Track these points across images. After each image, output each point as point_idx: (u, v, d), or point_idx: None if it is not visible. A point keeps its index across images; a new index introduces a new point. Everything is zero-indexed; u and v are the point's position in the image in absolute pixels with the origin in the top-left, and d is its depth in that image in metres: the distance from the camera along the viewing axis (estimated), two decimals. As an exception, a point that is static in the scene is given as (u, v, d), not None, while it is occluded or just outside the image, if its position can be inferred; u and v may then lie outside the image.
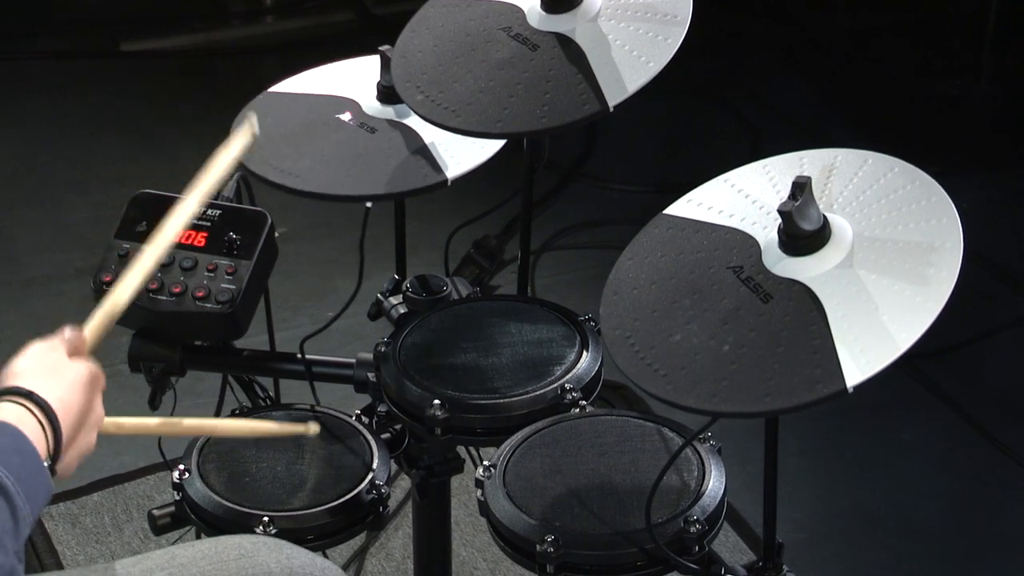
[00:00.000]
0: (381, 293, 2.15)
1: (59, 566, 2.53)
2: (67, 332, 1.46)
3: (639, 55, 1.84)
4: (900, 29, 4.26)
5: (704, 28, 1.92)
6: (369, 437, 1.89)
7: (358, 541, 2.52)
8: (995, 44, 4.00)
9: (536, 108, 1.84)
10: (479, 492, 1.75)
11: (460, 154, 2.02)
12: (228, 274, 1.95)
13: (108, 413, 1.50)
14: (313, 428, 1.67)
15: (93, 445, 1.44)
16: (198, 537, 1.83)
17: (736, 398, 1.53)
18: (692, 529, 1.65)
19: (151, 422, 1.59)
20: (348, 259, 3.29)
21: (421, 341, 1.96)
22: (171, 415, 2.15)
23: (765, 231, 1.65)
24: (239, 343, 2.05)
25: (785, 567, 1.73)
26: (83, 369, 1.43)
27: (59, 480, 1.39)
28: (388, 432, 1.98)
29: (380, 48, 2.06)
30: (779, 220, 1.60)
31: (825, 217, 1.60)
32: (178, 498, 1.83)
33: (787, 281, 1.59)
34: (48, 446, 1.36)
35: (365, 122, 2.07)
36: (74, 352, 1.45)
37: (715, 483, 1.71)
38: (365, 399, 2.01)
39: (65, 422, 1.38)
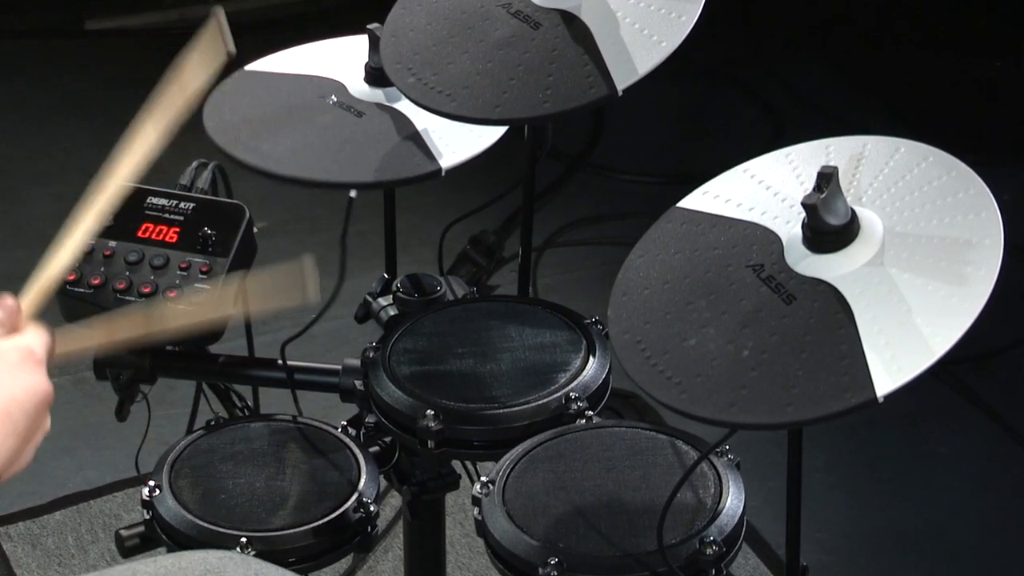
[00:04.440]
0: (369, 293, 2.15)
1: (18, 591, 2.53)
2: (4, 301, 1.41)
3: (650, 34, 1.84)
4: (934, 5, 4.26)
5: (721, 4, 1.92)
6: (356, 451, 1.89)
7: (344, 564, 2.53)
8: (1038, 22, 4.00)
9: (538, 92, 1.84)
10: (476, 510, 1.75)
11: (455, 142, 2.02)
12: (202, 273, 1.95)
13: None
14: (308, 263, 1.55)
15: (48, 426, 1.39)
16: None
17: (756, 408, 1.53)
18: (708, 551, 1.65)
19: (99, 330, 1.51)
20: (333, 256, 3.26)
21: (413, 346, 1.96)
22: (146, 429, 2.16)
23: (788, 226, 1.65)
24: (214, 348, 2.05)
25: (810, 592, 1.74)
26: (14, 348, 1.38)
27: (11, 475, 1.37)
28: (377, 445, 1.98)
29: (368, 26, 2.06)
30: (803, 214, 1.60)
31: (853, 211, 1.60)
32: (148, 517, 1.83)
33: (812, 281, 1.59)
34: None
35: (352, 105, 2.07)
36: (11, 329, 1.40)
37: (733, 501, 1.71)
38: (352, 409, 2.01)
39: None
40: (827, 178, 1.56)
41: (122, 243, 1.98)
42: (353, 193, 2.01)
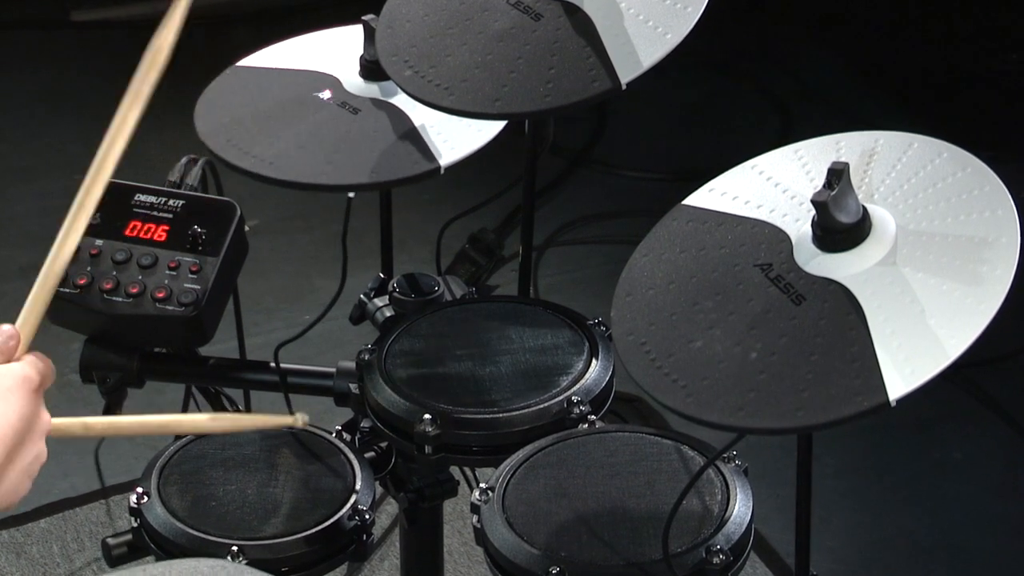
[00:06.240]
0: (365, 294, 2.15)
1: (2, 601, 2.53)
2: (2, 329, 1.43)
3: (655, 25, 1.84)
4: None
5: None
6: (351, 456, 1.89)
7: (339, 573, 2.52)
8: (1056, 13, 4.00)
9: (539, 86, 1.84)
10: (475, 518, 1.75)
11: (454, 138, 2.02)
12: (192, 272, 1.95)
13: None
14: (302, 419, 1.65)
15: (44, 456, 1.41)
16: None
17: (765, 412, 1.53)
18: (715, 560, 1.65)
19: (122, 420, 1.57)
20: (327, 255, 3.29)
21: (410, 348, 1.96)
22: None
23: (797, 224, 1.65)
24: (204, 350, 2.05)
25: (820, 602, 1.74)
26: (9, 373, 1.40)
27: (7, 506, 1.38)
28: (372, 451, 1.98)
29: (363, 17, 2.06)
30: (813, 212, 1.60)
31: (865, 208, 1.60)
32: (136, 525, 1.83)
33: (822, 280, 1.59)
34: None
35: (347, 101, 2.07)
36: (8, 358, 1.42)
37: (741, 508, 1.71)
38: (347, 413, 2.01)
39: None
40: (838, 174, 1.56)
41: (109, 242, 1.98)
42: (351, 193, 2.01)
